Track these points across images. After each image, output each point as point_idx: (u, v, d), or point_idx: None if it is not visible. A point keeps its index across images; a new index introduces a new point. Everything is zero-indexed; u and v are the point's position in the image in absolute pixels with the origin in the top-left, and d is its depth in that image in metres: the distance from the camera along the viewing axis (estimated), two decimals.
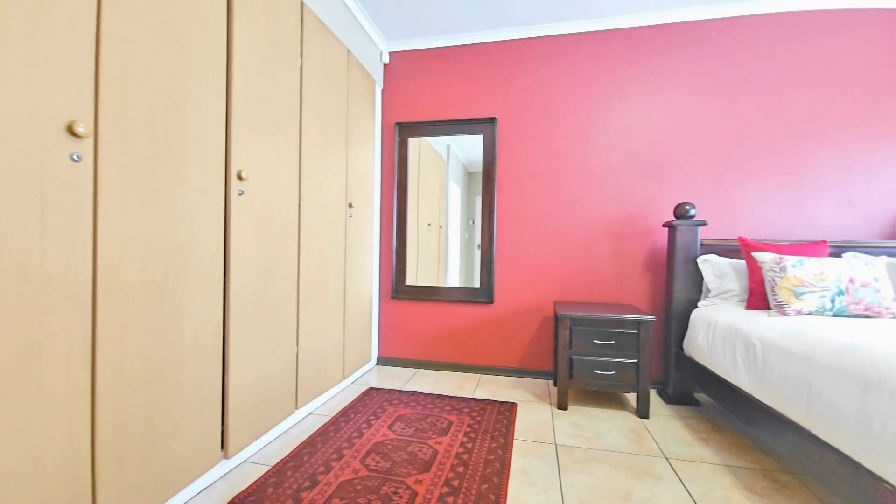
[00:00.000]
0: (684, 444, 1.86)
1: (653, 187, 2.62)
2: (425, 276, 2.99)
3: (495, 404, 2.25)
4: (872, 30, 2.36)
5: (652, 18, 2.59)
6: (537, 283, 2.77)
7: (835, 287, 1.76)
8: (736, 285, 2.18)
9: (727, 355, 1.82)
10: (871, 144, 2.37)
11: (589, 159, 2.70)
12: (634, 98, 2.65)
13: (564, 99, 2.74)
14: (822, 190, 2.42)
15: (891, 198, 2.35)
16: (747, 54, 2.50)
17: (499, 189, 2.83)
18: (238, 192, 1.51)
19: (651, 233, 2.62)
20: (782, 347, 1.50)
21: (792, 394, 1.40)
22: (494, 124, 2.81)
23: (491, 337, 2.84)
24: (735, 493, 1.49)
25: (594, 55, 2.70)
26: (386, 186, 3.00)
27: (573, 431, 1.97)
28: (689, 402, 2.33)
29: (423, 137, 2.98)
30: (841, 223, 2.40)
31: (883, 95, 2.35)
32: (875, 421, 1.05)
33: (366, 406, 2.19)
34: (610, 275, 2.67)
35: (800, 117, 2.44)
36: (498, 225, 2.83)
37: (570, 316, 2.20)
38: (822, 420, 1.25)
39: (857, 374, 1.17)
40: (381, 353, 3.02)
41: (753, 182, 2.50)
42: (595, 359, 2.18)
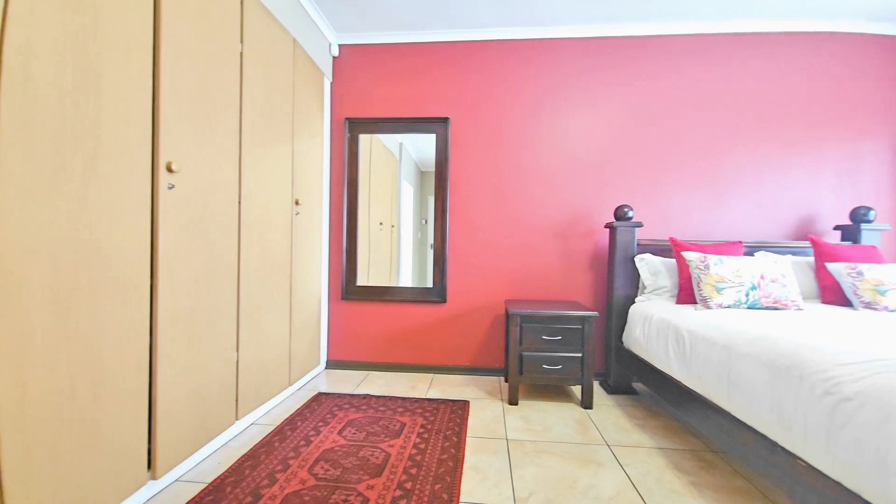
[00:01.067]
0: (624, 431, 1.98)
1: (595, 190, 2.77)
2: (377, 276, 2.93)
3: (448, 403, 2.26)
4: (783, 56, 2.67)
5: (595, 31, 2.74)
6: (489, 282, 2.82)
7: (749, 283, 1.97)
8: (668, 282, 2.37)
9: (661, 347, 1.97)
10: (777, 157, 2.68)
11: (538, 162, 2.80)
12: (580, 106, 2.78)
13: (515, 102, 2.82)
14: (738, 196, 2.70)
15: (794, 203, 2.68)
16: (681, 73, 2.72)
17: (451, 189, 2.85)
18: (167, 186, 1.37)
19: (594, 233, 2.77)
20: (707, 338, 1.65)
21: (715, 379, 1.54)
22: (447, 124, 2.82)
23: (444, 336, 2.85)
24: (667, 473, 1.62)
25: (543, 62, 2.80)
26: (336, 184, 2.90)
27: (523, 425, 2.02)
28: (627, 391, 2.50)
29: (374, 134, 2.92)
30: (753, 225, 2.69)
31: (789, 115, 2.67)
32: (786, 403, 1.19)
33: (314, 412, 2.09)
34: (557, 273, 2.79)
35: (720, 132, 2.71)
36: (451, 225, 2.85)
37: (520, 314, 2.26)
38: (740, 403, 1.39)
39: (769, 360, 1.31)
40: (331, 356, 2.92)
41: (682, 188, 2.73)
42: (543, 354, 2.27)
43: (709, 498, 1.46)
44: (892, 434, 0.88)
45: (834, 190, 2.66)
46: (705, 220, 2.72)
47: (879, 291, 1.92)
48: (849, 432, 0.98)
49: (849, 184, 2.65)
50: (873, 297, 1.92)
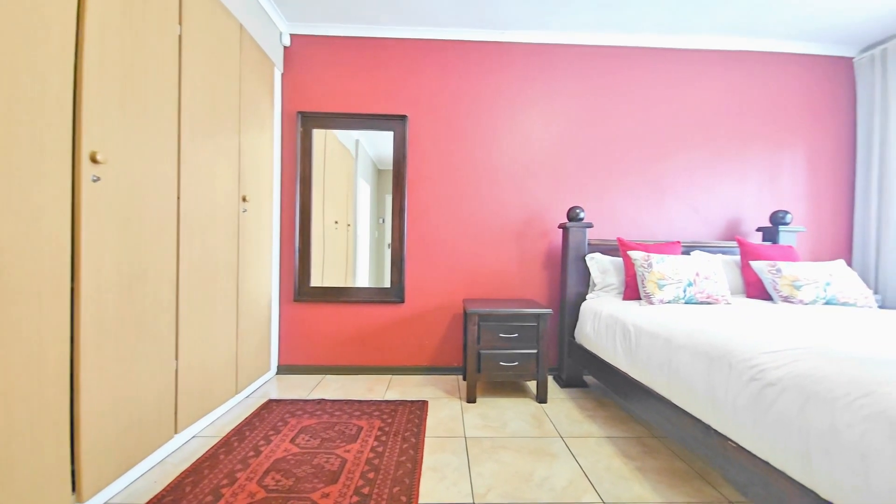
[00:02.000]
0: (576, 423, 2.06)
1: (550, 192, 2.86)
2: (332, 276, 2.84)
3: (407, 404, 2.23)
4: (717, 72, 2.91)
5: (550, 37, 2.83)
6: (448, 281, 2.83)
7: (686, 280, 2.13)
8: (616, 279, 2.50)
9: (609, 341, 2.07)
10: (710, 164, 2.92)
11: (495, 163, 2.85)
12: (535, 109, 2.86)
13: (473, 103, 2.84)
14: (676, 200, 2.91)
15: (723, 206, 2.94)
16: (628, 82, 2.88)
17: (409, 188, 2.82)
18: (92, 178, 1.23)
19: (549, 233, 2.86)
20: (650, 332, 1.76)
21: (657, 370, 1.65)
22: (405, 122, 2.79)
23: (402, 337, 2.81)
24: (615, 460, 1.71)
25: (500, 65, 2.85)
26: (287, 180, 2.77)
27: (482, 423, 2.05)
28: (579, 384, 2.61)
29: (329, 130, 2.82)
30: (690, 227, 2.92)
31: (720, 126, 2.92)
32: (718, 389, 1.29)
33: (264, 421, 1.99)
34: (514, 272, 2.85)
35: (662, 140, 2.90)
36: (409, 224, 2.82)
37: (478, 313, 2.29)
38: (679, 391, 1.50)
39: (703, 351, 1.42)
40: (283, 361, 2.78)
41: (628, 191, 2.89)
42: (501, 352, 2.31)
43: (652, 481, 1.56)
44: (811, 416, 0.98)
45: (757, 195, 2.94)
46: (648, 221, 2.90)
47: (795, 287, 2.15)
48: (773, 415, 1.08)
49: (769, 190, 2.95)
50: (790, 291, 2.15)
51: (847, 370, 0.99)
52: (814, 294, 2.11)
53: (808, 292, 2.12)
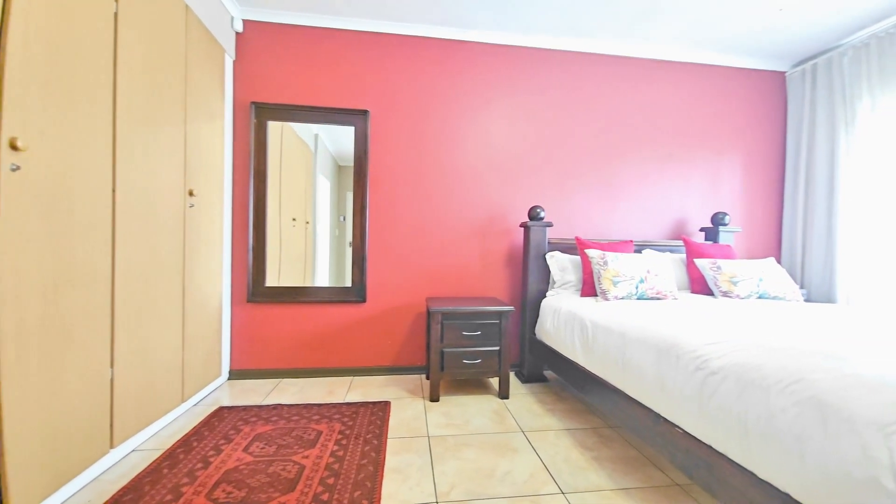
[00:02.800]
0: (536, 417, 2.11)
1: (512, 192, 2.91)
2: (290, 275, 2.72)
3: (368, 406, 2.19)
4: (668, 81, 3.08)
5: (512, 39, 2.87)
6: (410, 280, 2.80)
7: (639, 277, 2.24)
8: (574, 277, 2.58)
9: (568, 336, 2.14)
10: (659, 168, 3.09)
11: (458, 162, 2.85)
12: (498, 110, 2.90)
13: (437, 101, 2.83)
14: (629, 200, 3.06)
15: (671, 208, 3.12)
16: (585, 87, 2.99)
17: (371, 185, 2.76)
18: (11, 167, 1.10)
19: (510, 232, 2.91)
20: (605, 327, 1.83)
21: (612, 363, 1.72)
22: (367, 117, 2.73)
23: (364, 337, 2.75)
24: (573, 451, 1.76)
25: (465, 64, 2.85)
26: (240, 174, 2.62)
27: (445, 421, 2.04)
28: (540, 379, 2.68)
29: (286, 122, 2.70)
30: (641, 227, 3.08)
31: (669, 132, 3.09)
32: (667, 379, 1.36)
33: (214, 430, 1.87)
34: (477, 270, 2.87)
35: (616, 144, 3.03)
36: (370, 222, 2.76)
37: (441, 311, 2.28)
38: (632, 382, 1.57)
39: (653, 345, 1.49)
40: (235, 365, 2.63)
41: (585, 192, 3.00)
42: (464, 350, 2.32)
43: (608, 469, 1.62)
44: (748, 401, 1.06)
45: (700, 197, 3.16)
46: (604, 221, 3.03)
47: (733, 282, 2.32)
48: (715, 402, 1.16)
49: (711, 193, 3.17)
50: (729, 287, 2.32)
51: (779, 359, 1.08)
52: (749, 289, 2.30)
53: (744, 287, 2.30)
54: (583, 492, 1.47)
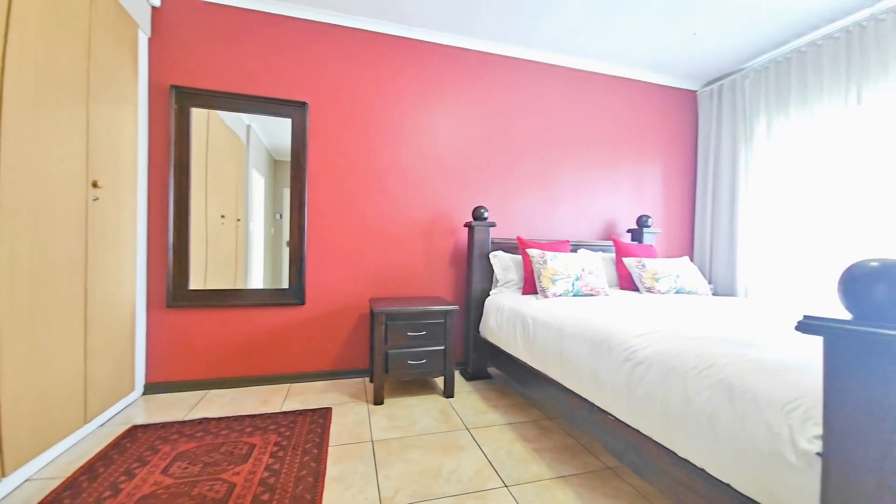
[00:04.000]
0: (480, 414, 2.15)
1: (456, 192, 2.93)
2: (218, 277, 2.50)
3: (308, 413, 2.07)
4: (601, 92, 3.29)
5: (458, 41, 2.90)
6: (353, 280, 2.71)
7: (574, 275, 2.37)
8: (516, 275, 2.67)
9: (511, 333, 2.20)
10: (592, 173, 3.30)
11: (403, 160, 2.81)
12: (442, 109, 2.90)
13: (382, 98, 2.76)
14: (565, 203, 3.23)
15: (602, 210, 3.35)
16: (527, 93, 3.10)
17: (310, 181, 2.62)
18: None
19: (455, 232, 2.93)
20: (545, 323, 1.91)
21: (550, 357, 1.79)
22: (305, 110, 2.59)
23: (302, 341, 2.61)
24: (516, 444, 1.82)
25: (411, 62, 2.82)
26: (157, 166, 2.35)
27: (390, 424, 2.00)
28: (484, 376, 2.73)
29: (212, 111, 2.47)
30: (576, 227, 3.26)
31: (600, 140, 3.31)
32: (600, 370, 1.45)
33: (126, 452, 1.66)
34: (421, 270, 2.86)
35: (555, 148, 3.19)
36: (309, 220, 2.62)
37: (385, 312, 2.23)
38: (569, 374, 1.65)
39: (588, 338, 1.58)
40: (153, 377, 2.36)
41: (526, 193, 3.12)
42: (408, 350, 2.29)
43: (548, 459, 1.69)
44: (670, 387, 1.15)
45: (627, 201, 3.42)
46: (543, 221, 3.16)
47: (655, 279, 2.54)
48: (642, 389, 1.25)
49: (636, 198, 3.45)
50: (652, 283, 2.53)
51: (695, 347, 1.19)
52: (668, 285, 2.53)
53: (664, 283, 2.53)
54: (525, 483, 1.52)
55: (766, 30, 2.74)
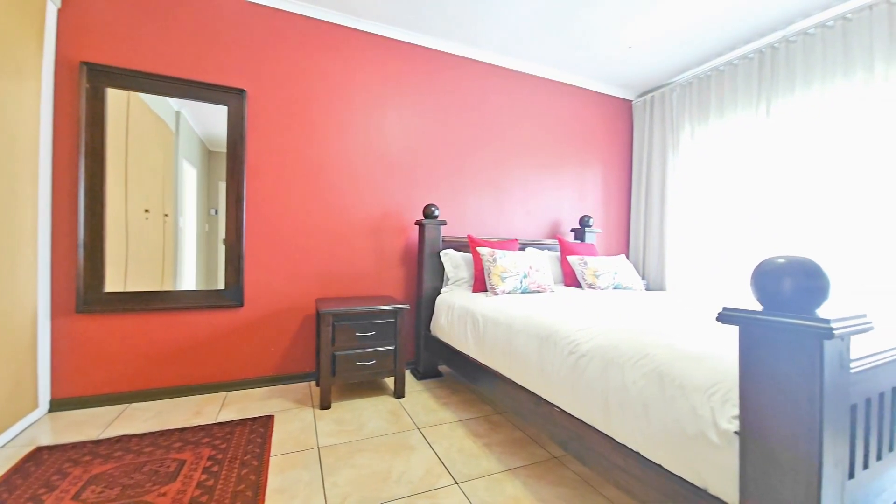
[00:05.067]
0: (431, 412, 2.14)
1: (407, 190, 2.90)
2: (142, 278, 2.26)
3: (247, 423, 1.94)
4: (549, 97, 3.41)
5: (406, 35, 2.85)
6: (298, 280, 2.58)
7: (523, 272, 2.43)
8: (466, 273, 2.69)
9: (461, 331, 2.21)
10: (539, 174, 3.42)
11: (351, 156, 2.72)
12: (393, 106, 2.85)
13: (329, 90, 2.65)
14: (514, 202, 3.32)
15: (548, 211, 3.48)
16: (477, 94, 3.13)
17: (250, 174, 2.45)
18: None
19: (406, 230, 2.90)
20: (494, 319, 1.95)
21: (500, 353, 1.83)
22: (243, 98, 2.41)
23: (241, 345, 2.44)
24: (466, 441, 1.83)
25: (360, 55, 2.73)
26: (65, 152, 2.07)
27: (337, 428, 1.93)
28: (435, 375, 2.72)
29: (134, 93, 2.23)
30: (524, 227, 3.37)
31: (547, 143, 3.44)
32: (547, 364, 1.50)
33: (29, 477, 1.44)
34: (371, 269, 2.79)
35: (504, 149, 3.26)
36: (249, 216, 2.45)
37: (332, 312, 2.15)
38: (517, 369, 1.69)
39: (535, 333, 1.63)
40: (61, 393, 2.08)
41: (477, 192, 3.16)
42: (357, 351, 2.22)
43: (497, 453, 1.73)
44: (609, 377, 1.22)
45: (571, 202, 3.59)
46: (492, 220, 3.23)
47: (596, 276, 2.69)
48: (584, 380, 1.31)
49: (578, 199, 3.63)
50: (593, 280, 2.68)
51: (631, 339, 1.27)
52: (608, 282, 2.69)
53: (604, 280, 2.69)
54: (475, 479, 1.53)
55: (691, 48, 3.00)
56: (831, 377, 0.73)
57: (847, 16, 2.34)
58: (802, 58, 2.56)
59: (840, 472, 0.75)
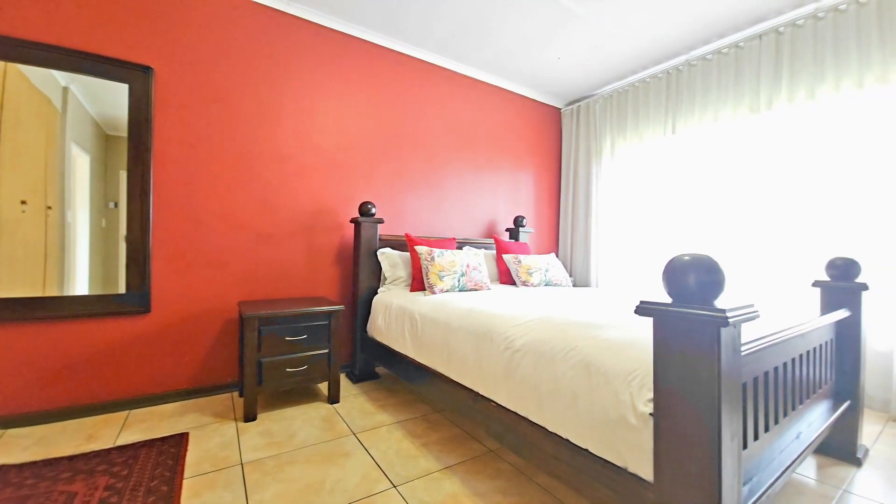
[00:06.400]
0: (368, 416, 2.08)
1: (343, 187, 2.78)
2: (18, 282, 1.90)
3: (154, 444, 1.72)
4: (486, 100, 3.48)
5: (340, 25, 2.74)
6: (218, 281, 2.35)
7: (460, 271, 2.46)
8: (404, 273, 2.66)
9: (399, 331, 2.18)
10: (475, 175, 3.49)
11: (281, 148, 2.55)
12: (328, 99, 2.72)
13: (255, 75, 2.45)
14: (452, 202, 3.36)
15: (485, 210, 3.57)
16: (419, 92, 3.10)
17: (157, 163, 2.18)
18: None
19: (341, 228, 2.78)
20: (432, 318, 1.94)
21: (439, 352, 1.83)
22: (150, 76, 2.14)
23: (147, 356, 2.16)
24: (404, 442, 1.80)
25: (290, 40, 2.56)
26: None
27: (264, 441, 1.79)
28: (372, 377, 2.65)
29: (9, 63, 1.86)
30: (462, 226, 3.42)
31: (483, 145, 3.52)
32: (484, 360, 1.53)
33: None
34: (302, 269, 2.63)
35: (443, 148, 3.28)
36: (156, 210, 2.18)
37: (258, 316, 1.99)
38: (456, 366, 1.71)
39: (472, 331, 1.66)
40: None
41: (415, 191, 3.13)
42: (287, 357, 2.08)
43: (435, 452, 1.72)
44: (541, 369, 1.27)
45: (506, 203, 3.72)
46: (431, 219, 3.23)
47: (529, 273, 2.81)
48: (519, 374, 1.35)
49: (513, 200, 3.78)
50: (526, 277, 2.80)
51: (561, 333, 1.34)
52: (539, 279, 2.83)
53: (536, 277, 2.82)
54: (413, 480, 1.51)
55: (610, 64, 3.27)
56: (727, 360, 0.83)
57: (739, 44, 2.70)
58: (701, 81, 2.91)
59: (736, 444, 0.86)
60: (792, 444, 1.23)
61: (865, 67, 2.20)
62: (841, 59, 2.28)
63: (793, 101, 2.47)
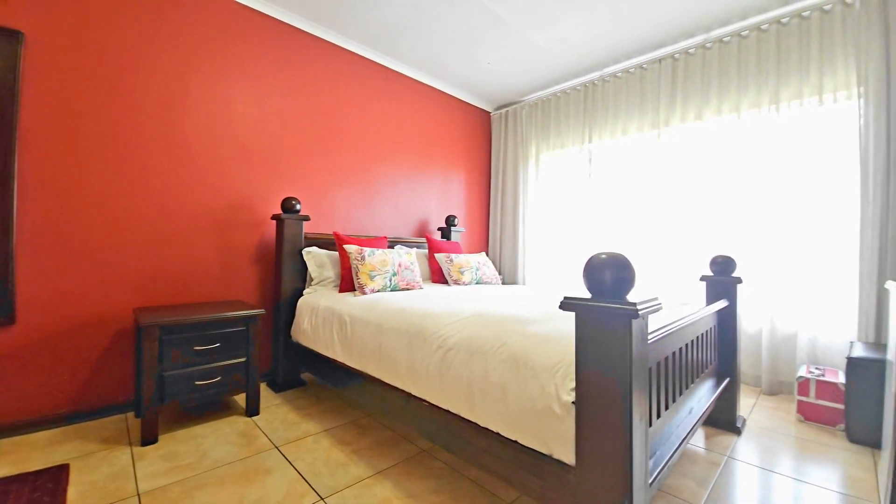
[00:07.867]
0: (292, 426, 1.94)
1: (263, 181, 2.57)
2: None
3: (27, 480, 1.43)
4: (419, 99, 3.45)
5: (258, 4, 2.53)
6: (106, 285, 2.02)
7: (392, 270, 2.42)
8: (332, 273, 2.54)
9: (327, 334, 2.07)
10: (408, 174, 3.47)
11: (188, 135, 2.28)
12: (246, 85, 2.49)
13: (154, 49, 2.15)
14: (384, 200, 3.29)
15: (417, 209, 3.55)
16: (350, 87, 2.97)
17: (24, 143, 1.82)
18: None
19: (261, 224, 2.57)
20: (363, 319, 1.88)
21: (370, 354, 1.78)
22: (18, 42, 1.77)
23: (11, 377, 1.79)
24: (333, 451, 1.72)
25: (198, 17, 2.29)
26: None
27: (167, 466, 1.58)
28: (296, 384, 2.49)
29: None
30: (393, 224, 3.36)
31: (416, 144, 3.50)
32: (417, 360, 1.51)
33: None
34: (214, 270, 2.38)
35: (374, 145, 3.19)
36: (21, 201, 1.81)
37: (158, 324, 1.75)
38: (387, 368, 1.67)
39: (405, 330, 1.63)
40: None
41: (346, 188, 3.01)
42: (195, 369, 1.86)
43: (366, 458, 1.66)
44: (473, 366, 1.29)
45: (438, 202, 3.75)
46: (361, 217, 3.13)
47: (461, 272, 2.86)
48: (452, 372, 1.36)
49: (445, 199, 3.82)
50: (458, 276, 2.84)
51: (492, 329, 1.38)
52: (471, 277, 2.89)
53: (467, 276, 2.87)
54: (343, 489, 1.45)
55: (535, 73, 3.45)
56: (637, 348, 0.91)
57: (644, 66, 3.02)
58: (613, 96, 3.21)
59: (644, 423, 0.95)
60: (686, 418, 1.40)
61: (742, 94, 2.59)
62: (723, 86, 2.66)
63: (685, 121, 2.83)
